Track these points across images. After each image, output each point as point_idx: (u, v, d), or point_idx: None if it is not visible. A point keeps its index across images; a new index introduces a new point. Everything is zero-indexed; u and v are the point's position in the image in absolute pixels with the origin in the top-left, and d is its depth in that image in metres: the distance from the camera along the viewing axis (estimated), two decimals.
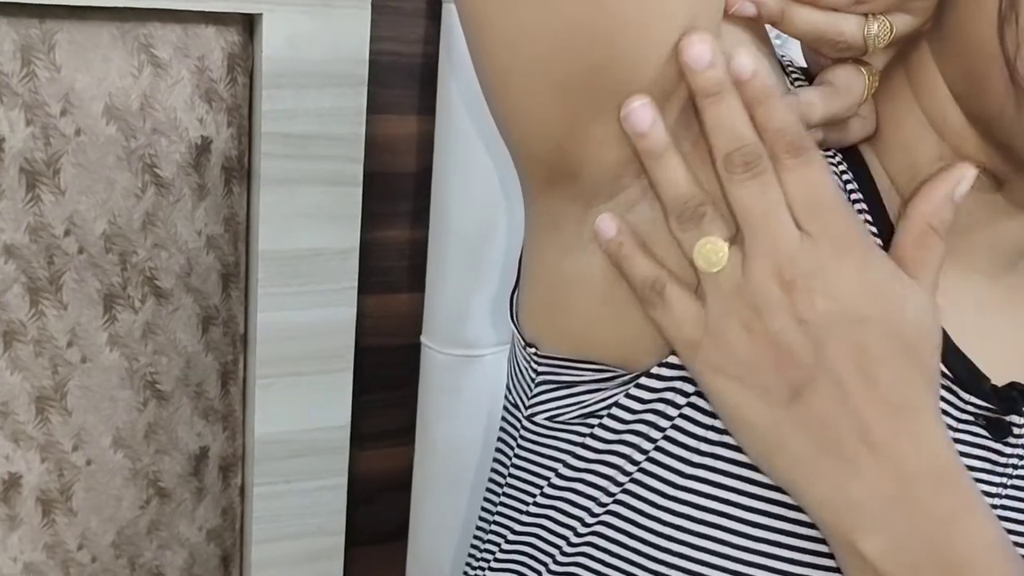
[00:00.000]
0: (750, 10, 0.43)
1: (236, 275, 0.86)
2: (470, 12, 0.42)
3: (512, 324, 0.54)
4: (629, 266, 0.45)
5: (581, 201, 0.45)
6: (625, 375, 0.48)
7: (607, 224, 0.45)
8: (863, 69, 0.47)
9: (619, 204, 0.45)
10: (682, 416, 0.46)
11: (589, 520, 0.49)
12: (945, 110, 0.47)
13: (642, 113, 0.42)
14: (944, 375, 0.47)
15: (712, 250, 0.43)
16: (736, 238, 0.44)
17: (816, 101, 0.45)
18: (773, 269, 0.42)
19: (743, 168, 0.42)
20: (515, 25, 0.41)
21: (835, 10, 0.45)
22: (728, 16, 0.43)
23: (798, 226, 0.43)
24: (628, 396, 0.48)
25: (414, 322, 0.93)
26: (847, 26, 0.45)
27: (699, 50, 0.40)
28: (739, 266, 0.43)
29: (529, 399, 0.53)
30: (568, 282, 0.48)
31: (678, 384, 0.46)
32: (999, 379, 0.48)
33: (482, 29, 0.42)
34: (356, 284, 0.86)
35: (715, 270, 0.43)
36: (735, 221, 0.43)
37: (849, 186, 0.49)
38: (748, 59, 0.41)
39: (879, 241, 0.48)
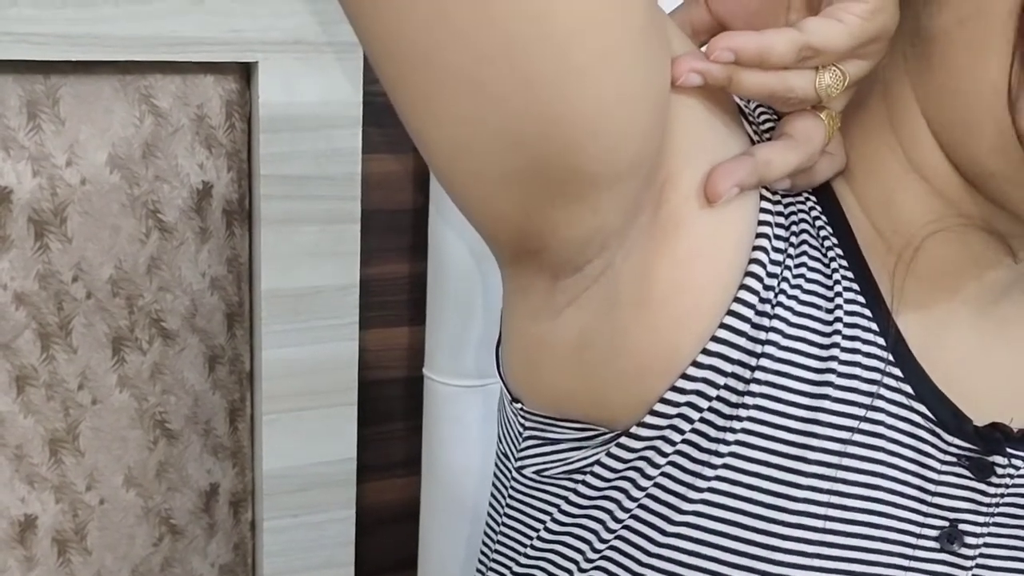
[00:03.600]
0: (696, 81, 0.42)
1: (240, 314, 0.87)
2: (405, 121, 0.40)
3: (499, 377, 0.53)
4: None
5: (548, 274, 0.45)
6: (606, 434, 0.48)
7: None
8: (822, 115, 0.46)
9: (585, 276, 0.44)
10: (663, 475, 0.46)
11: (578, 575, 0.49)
12: (929, 157, 0.46)
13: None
14: (927, 417, 0.47)
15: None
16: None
17: (773, 158, 0.44)
18: None
19: None
20: (448, 136, 0.38)
21: (783, 68, 0.43)
22: (675, 88, 0.42)
23: None
24: (609, 455, 0.47)
25: (416, 355, 0.93)
26: (797, 82, 0.43)
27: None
28: None
29: (518, 451, 0.52)
30: (539, 345, 0.47)
31: (658, 443, 0.46)
32: (984, 415, 0.47)
33: (418, 137, 0.40)
34: (357, 319, 0.86)
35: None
36: None
37: (818, 222, 0.48)
38: None
39: (849, 274, 0.47)
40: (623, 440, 0.47)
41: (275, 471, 0.87)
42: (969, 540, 0.48)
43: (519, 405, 0.51)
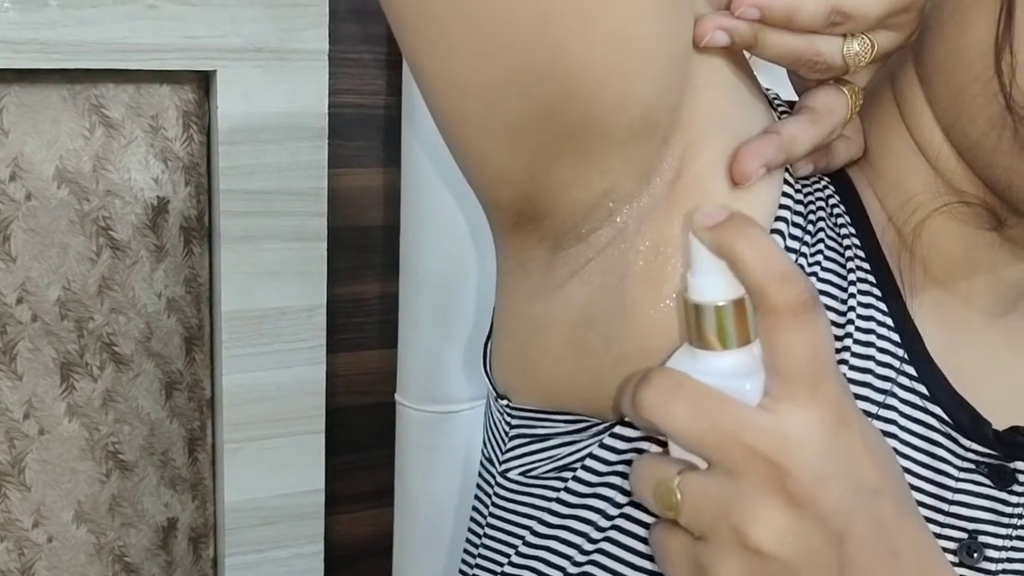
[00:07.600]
0: (722, 40, 0.42)
1: (200, 338, 0.85)
2: (412, 60, 0.41)
3: (485, 375, 0.53)
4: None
5: (549, 243, 0.44)
6: (598, 424, 0.46)
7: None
8: (844, 89, 0.46)
9: (590, 246, 0.43)
10: None
11: None
12: (933, 139, 0.46)
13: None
14: (943, 420, 0.46)
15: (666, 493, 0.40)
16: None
17: (798, 134, 0.44)
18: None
19: None
20: (457, 71, 0.39)
21: (812, 32, 0.43)
22: (701, 48, 0.42)
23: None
24: (602, 447, 0.46)
25: (387, 379, 0.92)
26: (825, 47, 0.44)
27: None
28: None
29: (503, 453, 0.51)
30: (536, 328, 0.46)
31: (654, 433, 0.44)
32: (1000, 422, 0.46)
33: (425, 76, 0.41)
34: (324, 342, 0.85)
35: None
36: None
37: (836, 210, 0.47)
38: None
39: (866, 265, 0.46)
40: (617, 430, 0.45)
41: (238, 504, 0.86)
42: (991, 553, 0.46)
43: (505, 402, 0.50)
